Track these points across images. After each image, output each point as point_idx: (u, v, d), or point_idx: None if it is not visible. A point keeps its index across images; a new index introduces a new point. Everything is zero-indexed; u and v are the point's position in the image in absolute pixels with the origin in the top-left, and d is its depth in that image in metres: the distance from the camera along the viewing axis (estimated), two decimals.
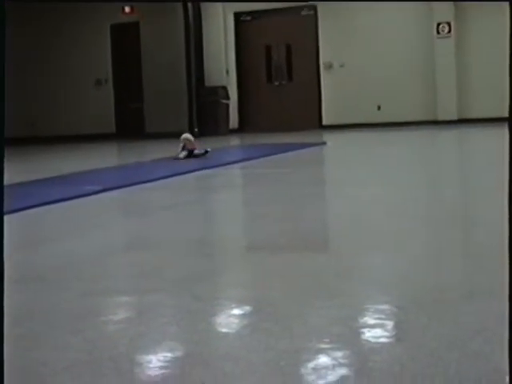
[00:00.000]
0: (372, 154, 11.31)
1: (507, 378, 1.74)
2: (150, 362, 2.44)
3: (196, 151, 10.44)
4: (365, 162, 10.05)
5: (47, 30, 20.01)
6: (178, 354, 2.52)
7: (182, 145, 10.50)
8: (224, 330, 2.79)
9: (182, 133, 11.18)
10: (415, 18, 17.35)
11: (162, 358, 2.44)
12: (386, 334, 2.56)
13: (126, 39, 19.72)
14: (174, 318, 2.91)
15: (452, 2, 16.82)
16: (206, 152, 10.49)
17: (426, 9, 17.13)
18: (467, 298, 2.98)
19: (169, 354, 2.49)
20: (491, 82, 16.84)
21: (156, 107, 19.17)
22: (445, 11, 16.93)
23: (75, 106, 20.04)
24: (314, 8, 18.25)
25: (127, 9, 19.35)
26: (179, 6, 18.51)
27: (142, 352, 2.54)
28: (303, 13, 18.44)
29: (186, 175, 8.66)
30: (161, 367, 2.37)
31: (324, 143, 13.68)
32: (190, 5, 18.33)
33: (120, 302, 3.25)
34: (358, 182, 7.65)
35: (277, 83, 18.87)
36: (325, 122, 18.20)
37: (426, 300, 2.93)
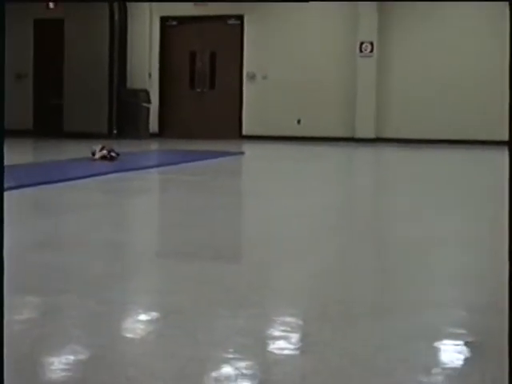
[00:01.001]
0: (288, 166, 11.41)
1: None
2: (52, 364, 2.40)
3: (112, 153, 10.36)
4: (280, 173, 10.13)
5: None
6: (81, 357, 2.49)
7: (99, 146, 10.42)
8: (129, 335, 2.77)
9: (101, 133, 11.10)
10: (339, 35, 17.58)
11: (64, 361, 2.41)
12: (290, 346, 2.58)
13: (49, 35, 19.46)
14: (79, 320, 2.88)
15: (376, 22, 17.09)
16: (118, 155, 10.42)
17: (351, 27, 17.37)
18: (373, 314, 3.02)
19: (72, 357, 2.46)
20: (410, 103, 17.18)
21: (76, 106, 18.95)
22: (368, 31, 17.20)
23: None
24: (241, 18, 18.33)
25: (51, 5, 19.12)
26: (105, 5, 18.38)
27: (44, 354, 2.50)
28: (230, 22, 18.50)
29: (102, 177, 8.59)
30: (63, 370, 2.34)
31: (242, 153, 13.74)
32: (116, 5, 18.24)
33: (25, 302, 3.19)
34: (272, 193, 7.71)
35: (199, 90, 18.87)
36: (245, 132, 18.28)
37: (332, 314, 2.96)
